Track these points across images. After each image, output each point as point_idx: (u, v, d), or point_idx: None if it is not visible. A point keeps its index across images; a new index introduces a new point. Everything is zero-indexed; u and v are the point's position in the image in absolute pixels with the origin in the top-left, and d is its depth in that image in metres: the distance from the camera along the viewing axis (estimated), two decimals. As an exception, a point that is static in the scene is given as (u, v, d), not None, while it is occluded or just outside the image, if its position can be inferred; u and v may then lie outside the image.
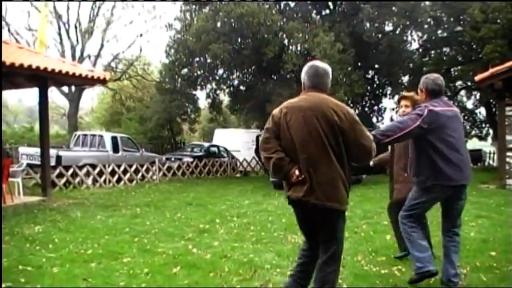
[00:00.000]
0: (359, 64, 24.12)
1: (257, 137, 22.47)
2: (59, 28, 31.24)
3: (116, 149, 19.12)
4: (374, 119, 28.84)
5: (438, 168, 4.77)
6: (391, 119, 29.74)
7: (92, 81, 14.04)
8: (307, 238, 4.35)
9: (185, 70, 24.60)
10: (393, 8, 22.46)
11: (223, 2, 21.35)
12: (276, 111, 4.22)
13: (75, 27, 31.68)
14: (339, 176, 3.95)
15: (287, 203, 4.25)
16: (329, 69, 4.28)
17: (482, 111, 31.01)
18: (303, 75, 4.26)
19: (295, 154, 4.00)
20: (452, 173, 4.78)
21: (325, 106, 3.97)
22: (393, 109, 29.71)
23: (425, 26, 24.09)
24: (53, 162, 14.89)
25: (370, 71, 26.75)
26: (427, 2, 23.77)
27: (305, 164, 3.95)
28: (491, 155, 31.51)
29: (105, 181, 16.95)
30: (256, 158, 23.10)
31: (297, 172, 3.96)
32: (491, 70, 14.43)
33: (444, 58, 25.32)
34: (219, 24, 21.98)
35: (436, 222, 5.40)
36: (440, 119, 4.78)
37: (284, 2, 24.07)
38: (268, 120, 4.22)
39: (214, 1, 22.19)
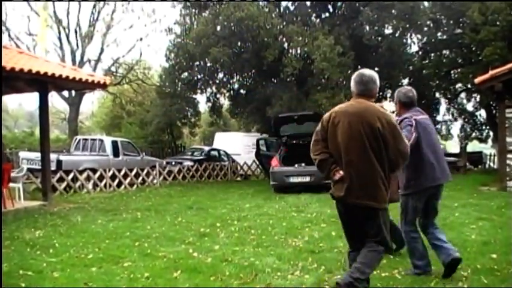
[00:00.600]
0: (359, 67, 23.99)
1: (257, 141, 22.53)
2: (59, 33, 31.23)
3: (116, 153, 19.15)
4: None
5: (428, 171, 5.18)
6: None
7: (92, 86, 14.05)
8: (350, 238, 4.71)
9: (185, 74, 24.60)
10: (393, 11, 22.43)
11: (222, 6, 21.36)
12: (326, 115, 4.60)
13: (75, 31, 31.67)
14: (380, 176, 4.29)
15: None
16: (375, 76, 4.61)
17: (482, 114, 30.93)
18: (351, 82, 4.62)
19: (340, 155, 4.36)
20: (438, 174, 5.22)
21: (369, 113, 4.33)
22: (393, 112, 29.64)
23: (425, 29, 24.09)
24: (53, 167, 14.91)
25: (370, 74, 26.72)
26: (426, 4, 23.81)
27: (347, 165, 4.32)
28: (492, 157, 31.48)
29: (105, 185, 16.97)
30: (257, 162, 23.12)
31: (340, 173, 4.35)
32: (491, 72, 14.40)
33: (444, 60, 25.31)
34: (218, 28, 21.99)
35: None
36: (422, 126, 5.26)
37: (284, 3, 24.12)
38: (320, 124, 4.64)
39: (215, 1, 22.19)
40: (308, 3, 24.18)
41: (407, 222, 5.37)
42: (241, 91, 26.91)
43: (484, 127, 31.75)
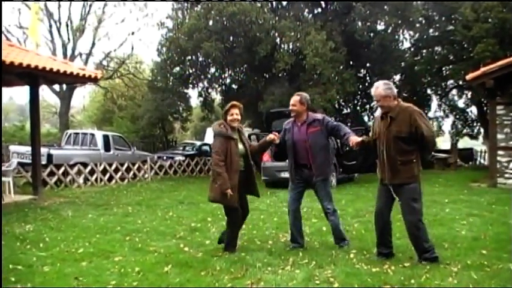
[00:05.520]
0: (351, 63, 24.13)
1: (249, 136, 22.48)
2: (50, 26, 31.06)
3: (107, 147, 19.10)
4: (366, 118, 28.87)
5: None
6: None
7: (84, 80, 13.98)
8: None
9: (177, 68, 24.50)
10: (385, 7, 22.45)
11: (214, 1, 21.30)
12: None
13: (67, 25, 31.44)
14: None
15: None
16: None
17: (473, 110, 31.10)
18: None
19: None
20: None
21: None
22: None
23: (417, 25, 24.12)
24: (44, 161, 14.88)
25: (362, 70, 26.77)
26: (418, 1, 23.82)
27: None
28: (483, 154, 31.61)
29: (96, 180, 16.92)
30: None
31: None
32: (482, 69, 14.48)
33: (436, 57, 25.34)
34: (211, 23, 21.92)
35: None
36: None
37: (276, 0, 24.05)
38: None
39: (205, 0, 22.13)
40: (300, -2, 24.16)
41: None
42: (233, 86, 26.85)
43: (475, 124, 31.94)
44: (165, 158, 22.96)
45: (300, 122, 6.70)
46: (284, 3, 24.23)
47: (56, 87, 30.87)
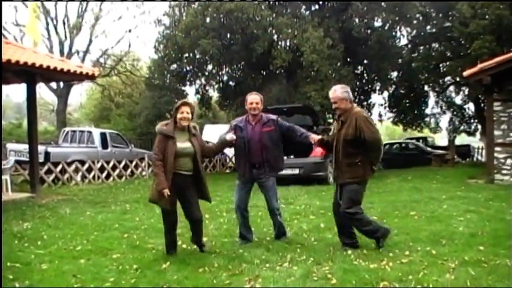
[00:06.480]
0: (348, 60, 24.12)
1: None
2: (47, 24, 31.06)
3: (105, 145, 19.09)
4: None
5: None
6: (380, 115, 29.84)
7: (81, 77, 13.98)
8: None
9: (174, 66, 24.51)
10: (382, 4, 22.45)
11: (211, -1, 21.32)
12: None
13: (64, 22, 31.49)
14: None
15: None
16: None
17: (470, 107, 31.05)
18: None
19: None
20: None
21: None
22: (381, 105, 29.77)
23: (414, 22, 24.10)
24: (41, 159, 14.86)
25: (359, 67, 26.76)
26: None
27: None
28: (480, 150, 31.64)
29: (94, 177, 16.93)
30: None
31: None
32: (479, 65, 14.46)
33: (433, 54, 25.30)
34: (208, 20, 21.93)
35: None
36: None
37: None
38: None
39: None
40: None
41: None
42: (231, 83, 26.88)
43: (472, 120, 31.93)
44: (162, 155, 22.91)
45: (254, 121, 6.88)
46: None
47: (53, 84, 30.84)
